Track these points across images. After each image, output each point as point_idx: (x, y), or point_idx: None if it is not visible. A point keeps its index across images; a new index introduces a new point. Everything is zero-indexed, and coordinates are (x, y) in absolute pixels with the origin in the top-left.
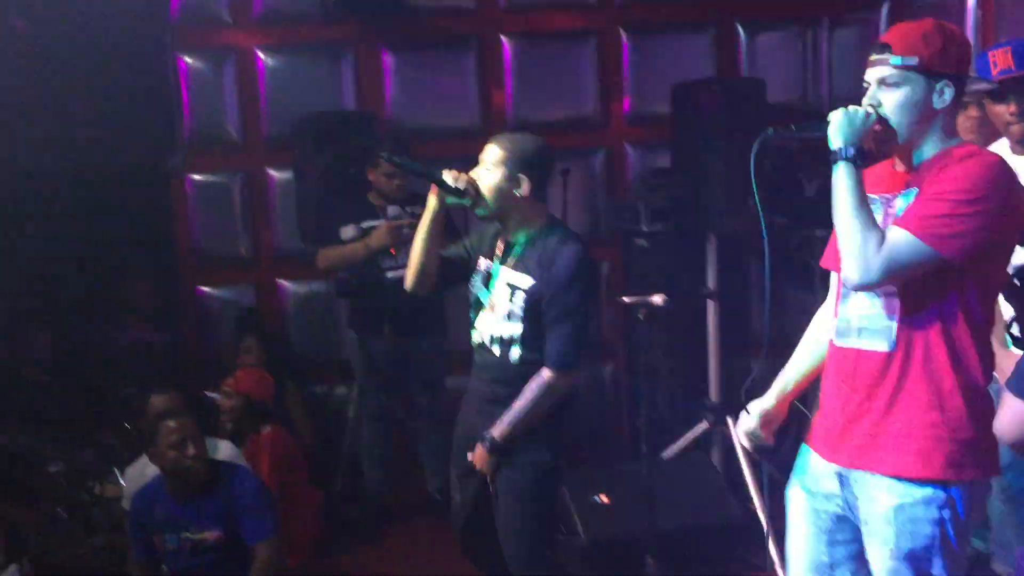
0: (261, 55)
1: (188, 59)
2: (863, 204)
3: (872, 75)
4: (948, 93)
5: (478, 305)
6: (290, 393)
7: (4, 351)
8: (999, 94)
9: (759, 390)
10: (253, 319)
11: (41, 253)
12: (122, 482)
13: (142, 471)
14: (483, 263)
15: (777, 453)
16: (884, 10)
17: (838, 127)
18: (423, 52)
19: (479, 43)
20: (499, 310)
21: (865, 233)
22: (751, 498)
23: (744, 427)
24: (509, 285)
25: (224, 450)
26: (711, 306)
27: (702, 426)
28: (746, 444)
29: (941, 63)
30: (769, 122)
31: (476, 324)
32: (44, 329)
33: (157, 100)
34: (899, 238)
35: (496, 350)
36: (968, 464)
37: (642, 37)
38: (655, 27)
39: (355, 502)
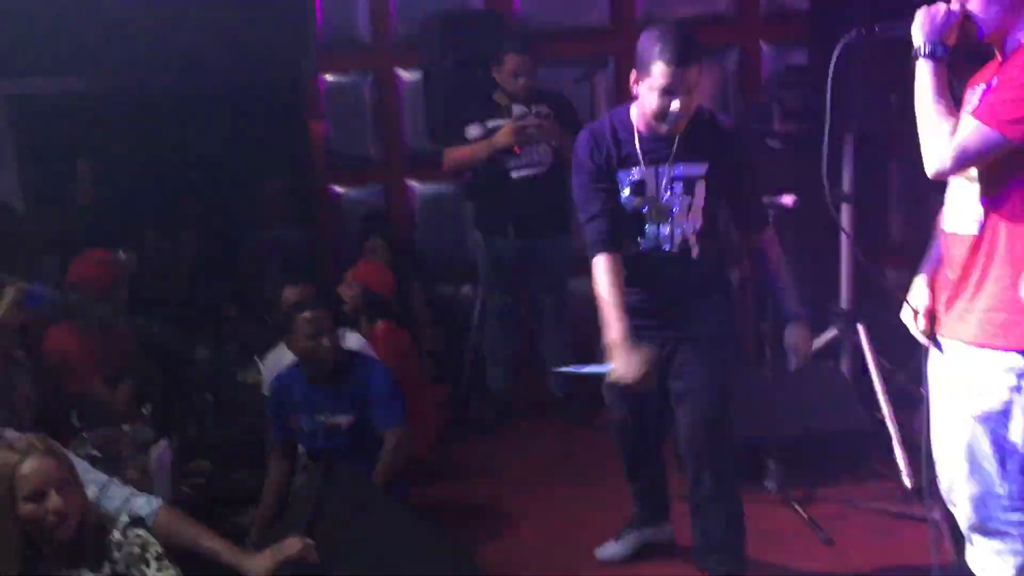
0: None
1: None
2: (941, 98)
3: None
4: None
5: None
6: (415, 293)
7: (154, 250)
8: None
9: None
10: (379, 219)
11: (183, 156)
12: (262, 370)
13: (279, 358)
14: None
15: (909, 362)
16: None
17: (919, 25)
18: None
19: None
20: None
21: (939, 125)
22: (880, 406)
23: (911, 322)
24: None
25: (352, 340)
26: (845, 209)
27: (831, 332)
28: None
29: None
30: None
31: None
32: (190, 228)
33: (289, 1)
34: (968, 126)
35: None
36: None
37: None
38: None
39: (479, 398)
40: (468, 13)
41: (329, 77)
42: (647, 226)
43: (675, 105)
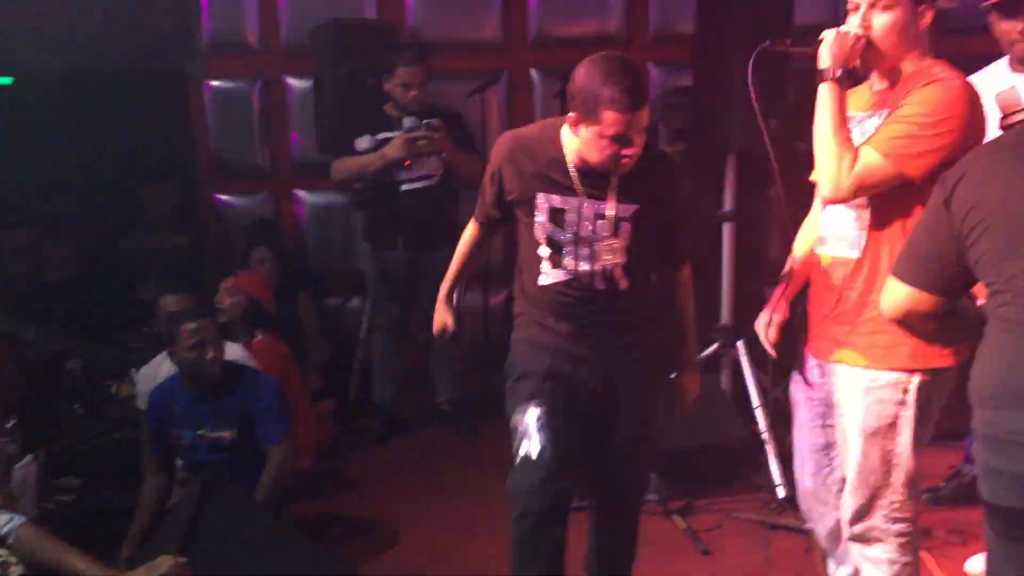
0: None
1: None
2: (842, 124)
3: None
4: (928, 14)
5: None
6: (303, 304)
7: (28, 254)
8: (1008, 9)
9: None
10: (266, 229)
11: (62, 156)
12: (137, 381)
13: (155, 370)
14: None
15: (783, 379)
16: None
17: (828, 47)
18: None
19: None
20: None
21: (840, 152)
22: (757, 420)
23: (763, 332)
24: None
25: (235, 352)
26: (727, 228)
27: (712, 348)
28: (763, 337)
29: None
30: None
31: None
32: (66, 231)
33: (177, 3)
34: (869, 159)
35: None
36: (931, 355)
37: None
38: None
39: (366, 411)
40: (361, 22)
41: (215, 82)
42: (565, 257)
43: (628, 152)
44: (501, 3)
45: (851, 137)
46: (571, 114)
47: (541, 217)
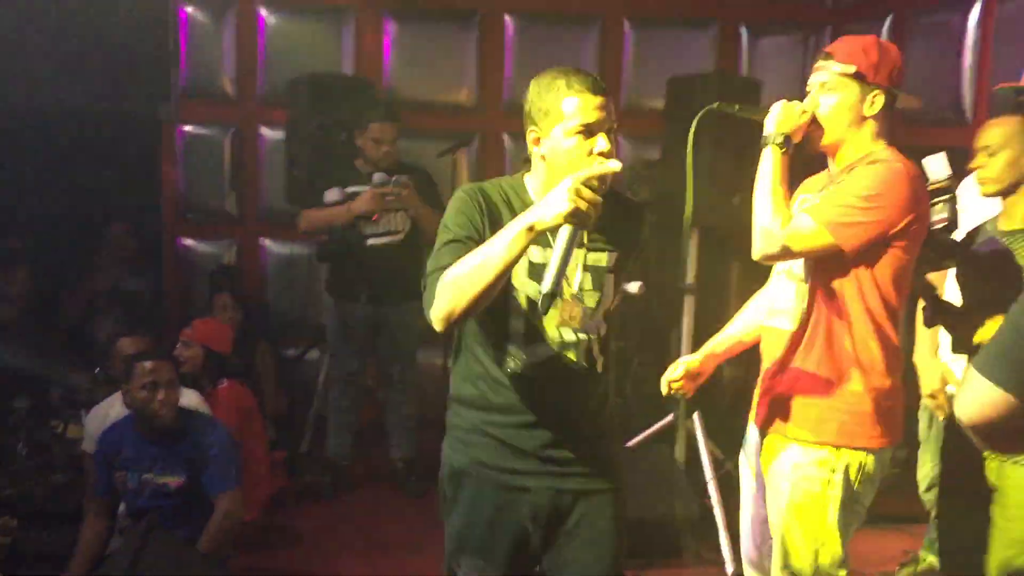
0: (263, 11)
1: (189, 8)
2: (780, 186)
3: (814, 79)
4: (878, 102)
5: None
6: (262, 353)
7: None
8: None
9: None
10: (228, 276)
11: (26, 190)
12: (85, 423)
13: (106, 412)
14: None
15: (737, 452)
16: (886, 24)
17: (774, 115)
18: (426, 24)
19: (482, 20)
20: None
21: (775, 213)
22: (709, 493)
23: (669, 370)
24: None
25: (190, 398)
26: (688, 300)
27: (668, 419)
28: (666, 386)
29: (874, 74)
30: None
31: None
32: (23, 267)
33: (155, 48)
34: (801, 221)
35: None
36: (860, 435)
37: (645, 29)
38: (659, 21)
39: (319, 465)
40: (337, 77)
41: (188, 127)
42: (546, 327)
43: (603, 146)
44: (477, 67)
45: (788, 201)
46: (530, 133)
47: (520, 275)
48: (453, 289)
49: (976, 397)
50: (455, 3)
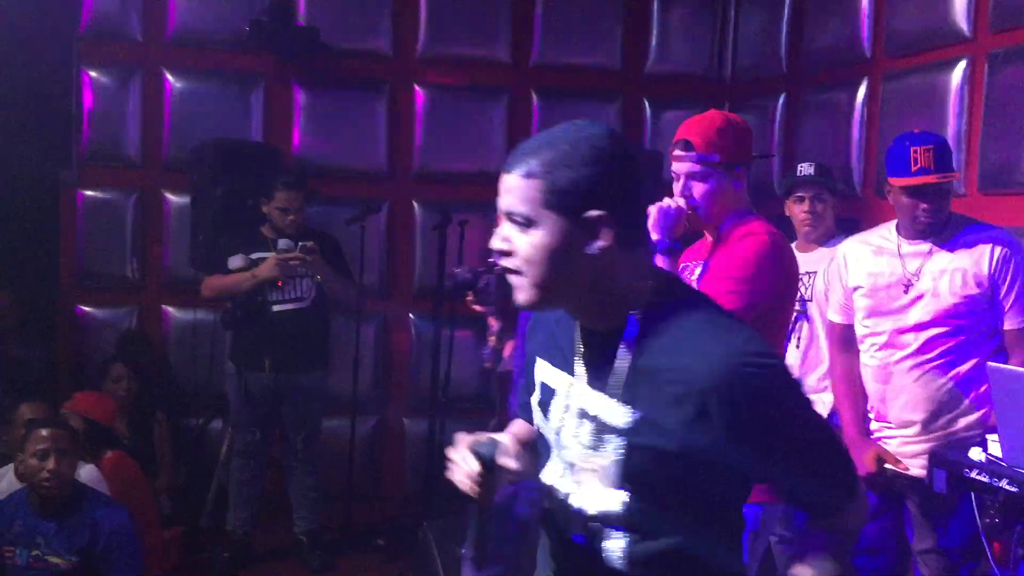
0: (169, 76)
1: (93, 73)
2: None
3: (679, 168)
4: (743, 176)
5: (542, 448)
6: (160, 424)
7: None
8: (915, 190)
9: None
10: (131, 345)
11: None
12: None
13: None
14: (543, 369)
15: None
16: (780, 101)
17: (653, 223)
18: (336, 92)
19: (392, 89)
20: (579, 461)
21: None
22: None
23: None
24: (593, 419)
25: (85, 473)
26: None
27: None
28: None
29: (736, 154)
30: (661, 193)
31: (544, 478)
32: None
33: (57, 111)
34: None
35: (579, 536)
36: (762, 490)
37: (552, 100)
38: (566, 92)
39: (219, 539)
40: (243, 144)
41: (89, 192)
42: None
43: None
44: (387, 135)
45: None
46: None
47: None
48: None
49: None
50: (365, 72)
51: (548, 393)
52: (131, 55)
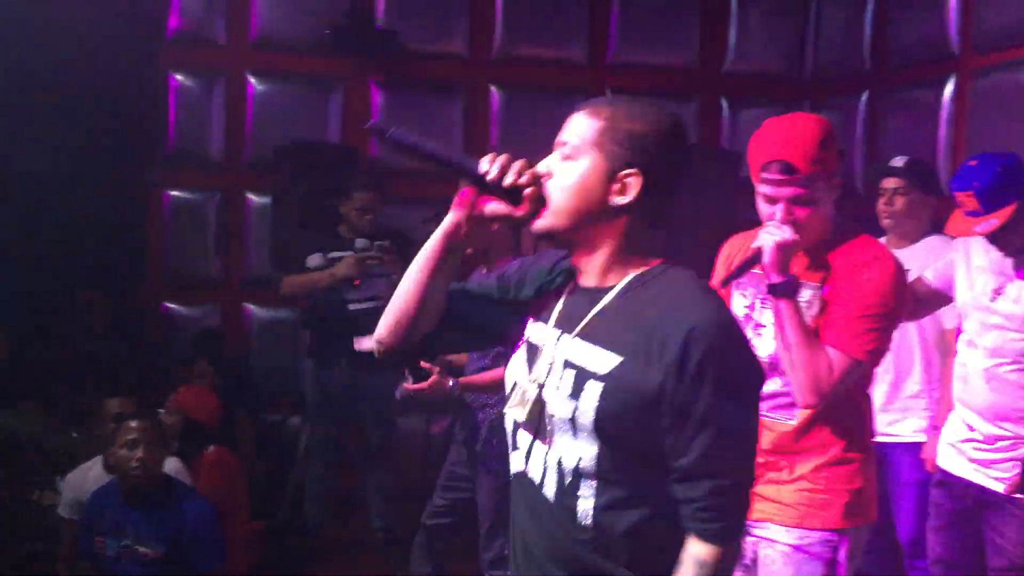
0: (252, 79)
1: (179, 77)
2: (808, 332)
3: (779, 194)
4: (836, 186)
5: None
6: (241, 420)
7: None
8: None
9: None
10: (209, 342)
11: (10, 255)
12: (62, 489)
13: (83, 477)
14: (530, 325)
15: None
16: (863, 99)
17: (771, 263)
18: (412, 94)
19: (468, 90)
20: (559, 416)
21: (814, 359)
22: None
23: None
24: (575, 367)
25: (170, 465)
26: None
27: None
28: None
29: (836, 165)
30: (737, 193)
31: (517, 439)
32: (2, 332)
33: (144, 114)
34: (841, 363)
35: (552, 492)
36: (856, 513)
37: None
38: (642, 91)
39: (297, 534)
40: (322, 145)
41: (175, 193)
42: None
43: None
44: (462, 135)
45: (816, 342)
46: None
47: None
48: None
49: None
50: (441, 74)
51: (534, 350)
52: (215, 59)
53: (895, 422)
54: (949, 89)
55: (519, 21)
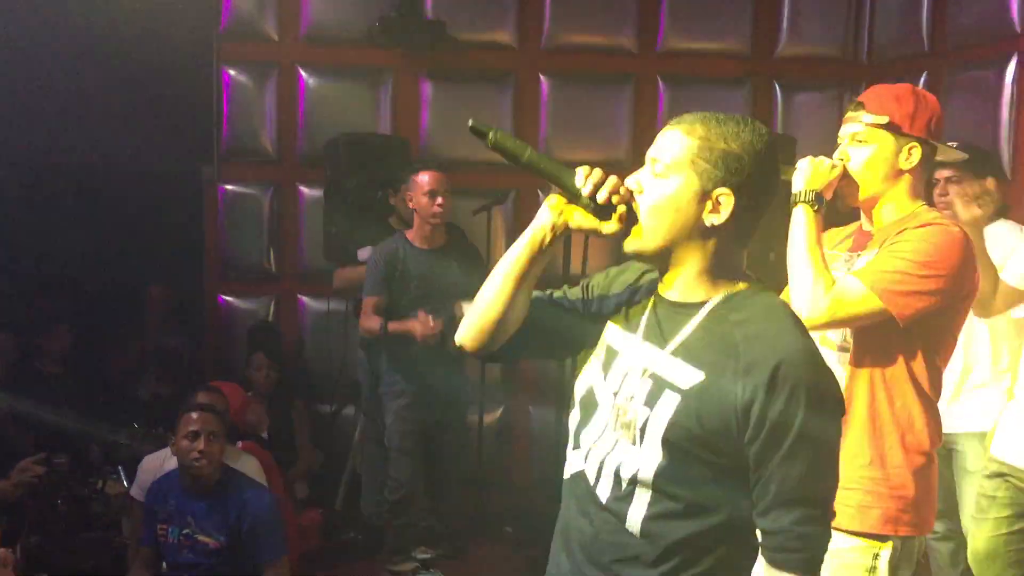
0: (303, 73)
1: (232, 71)
2: (816, 247)
3: (845, 131)
4: (915, 155)
5: (589, 406)
6: (297, 411)
7: (24, 342)
8: None
9: None
10: (264, 335)
11: (70, 248)
12: (123, 480)
13: (160, 463)
14: (612, 332)
15: None
16: (922, 80)
17: (802, 172)
18: (462, 84)
19: (517, 80)
20: (628, 422)
21: (815, 274)
22: None
23: None
24: (654, 378)
25: (245, 464)
26: None
27: None
28: None
29: (910, 124)
30: None
31: (580, 438)
32: (64, 324)
33: (198, 110)
34: (850, 285)
35: (605, 494)
36: (903, 521)
37: (679, 87)
38: (694, 78)
39: (353, 524)
40: (373, 137)
41: (230, 187)
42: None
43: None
44: (512, 124)
45: (825, 260)
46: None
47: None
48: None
49: None
50: (490, 63)
51: (612, 354)
52: (267, 53)
53: (962, 412)
54: (1011, 69)
55: (568, 9)
